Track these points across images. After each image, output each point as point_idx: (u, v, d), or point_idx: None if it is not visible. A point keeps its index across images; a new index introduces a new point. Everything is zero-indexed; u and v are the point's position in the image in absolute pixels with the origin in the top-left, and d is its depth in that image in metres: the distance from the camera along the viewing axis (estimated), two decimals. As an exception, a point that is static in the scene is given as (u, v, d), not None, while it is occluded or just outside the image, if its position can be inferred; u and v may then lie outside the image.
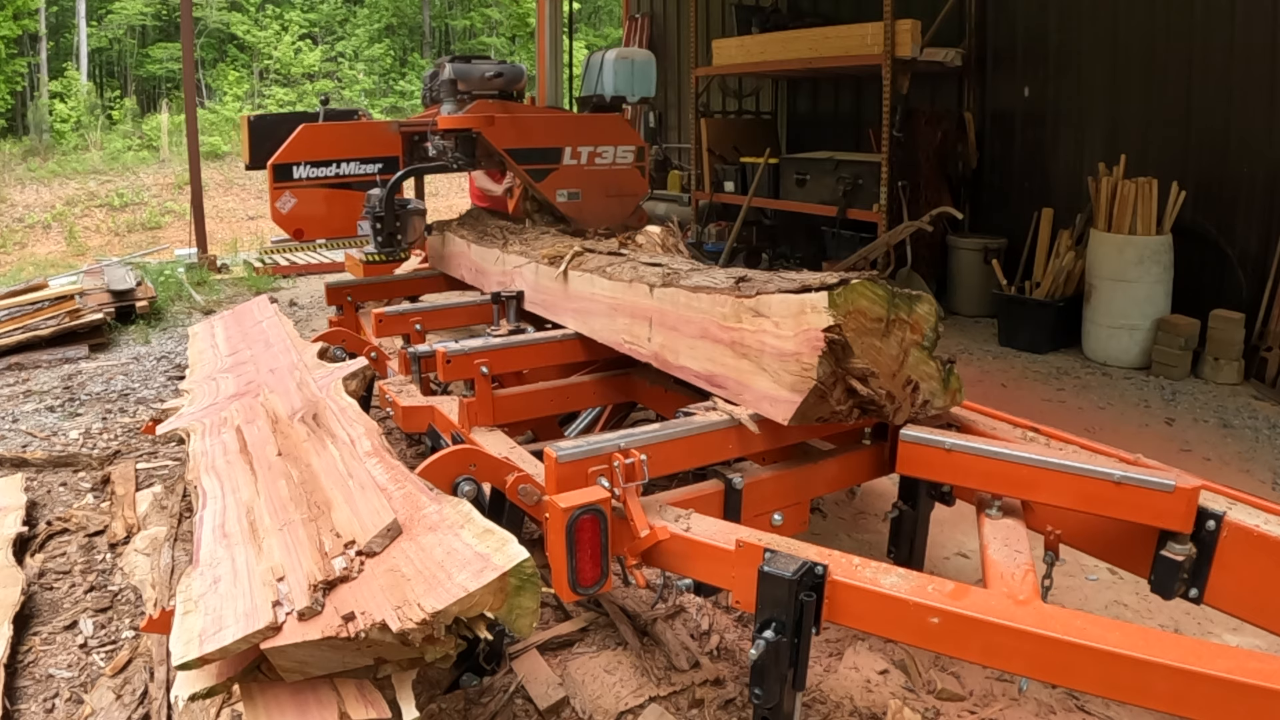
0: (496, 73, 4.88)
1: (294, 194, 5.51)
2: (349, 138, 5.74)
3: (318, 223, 5.64)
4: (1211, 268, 6.34)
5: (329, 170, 5.60)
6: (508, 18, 28.21)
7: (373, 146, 5.72)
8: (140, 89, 25.61)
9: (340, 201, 5.59)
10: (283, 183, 5.50)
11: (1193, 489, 2.00)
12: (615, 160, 5.34)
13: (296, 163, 5.52)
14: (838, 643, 2.92)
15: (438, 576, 1.77)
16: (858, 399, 2.36)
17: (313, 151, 5.57)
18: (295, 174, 5.48)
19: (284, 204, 5.48)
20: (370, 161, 5.68)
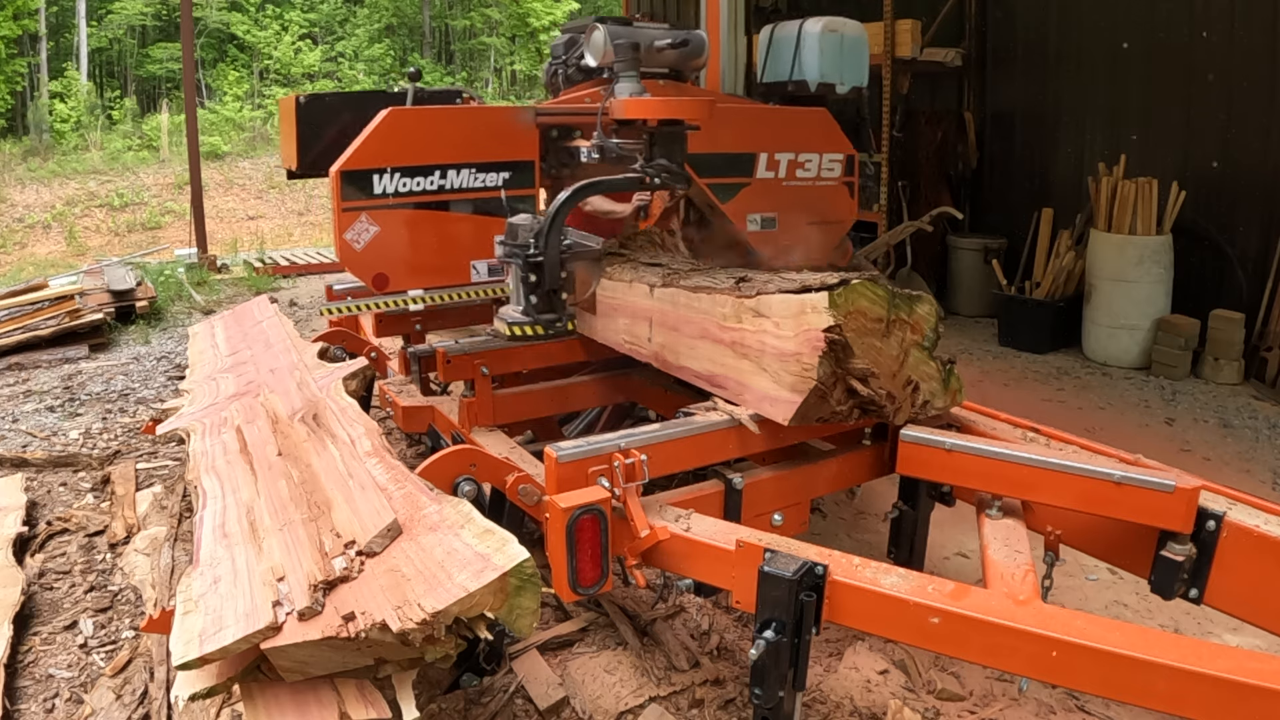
0: (677, 41, 3.55)
1: (374, 218, 3.34)
2: (459, 131, 3.55)
3: (412, 264, 3.49)
4: (1211, 268, 6.34)
5: (429, 181, 3.44)
6: (508, 18, 28.21)
7: (495, 145, 3.57)
8: (140, 89, 25.60)
9: (446, 230, 3.49)
10: (357, 200, 3.33)
11: (1193, 489, 2.00)
12: (820, 174, 3.96)
13: (379, 169, 3.35)
14: (838, 643, 2.92)
15: (438, 576, 1.77)
16: (858, 399, 2.36)
17: (405, 151, 3.43)
18: (377, 186, 3.34)
19: (359, 234, 3.30)
20: (491, 168, 3.55)
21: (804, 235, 3.94)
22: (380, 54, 26.57)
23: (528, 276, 2.88)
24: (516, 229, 2.95)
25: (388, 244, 3.37)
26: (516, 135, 3.60)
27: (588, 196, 3.20)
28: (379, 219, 3.35)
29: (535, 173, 3.62)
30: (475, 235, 3.48)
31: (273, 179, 20.33)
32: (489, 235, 3.29)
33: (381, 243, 3.36)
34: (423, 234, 3.44)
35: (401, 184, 3.38)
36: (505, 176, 3.54)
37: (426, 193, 3.43)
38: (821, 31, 4.03)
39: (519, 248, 2.91)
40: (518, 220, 2.98)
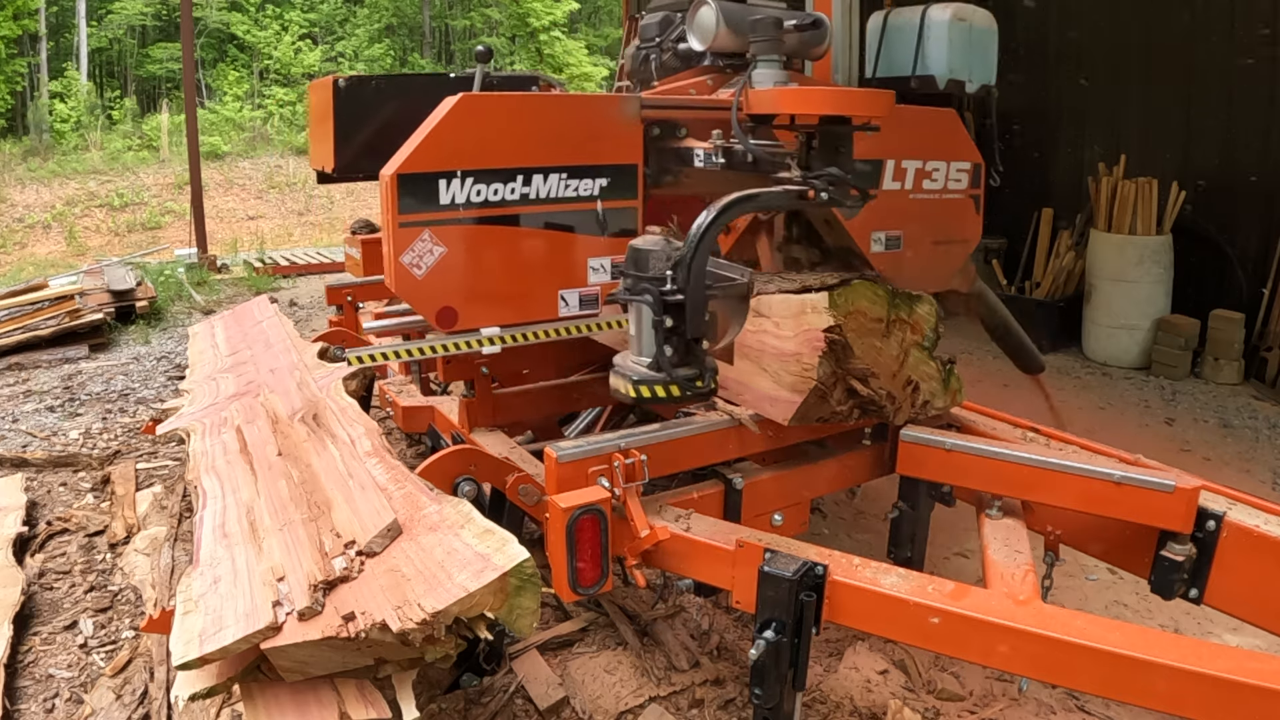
0: (804, 22, 2.90)
1: (440, 236, 2.59)
2: (548, 125, 2.73)
3: (486, 295, 2.71)
4: (1211, 268, 6.34)
5: (509, 188, 2.68)
6: (508, 18, 28.21)
7: (591, 143, 2.79)
8: (140, 89, 25.60)
9: (530, 251, 2.73)
10: (419, 213, 2.56)
11: (1193, 489, 2.01)
12: (947, 185, 3.40)
13: (448, 172, 2.59)
14: (838, 643, 2.92)
15: (438, 576, 1.77)
16: (858, 399, 2.36)
17: (481, 150, 2.64)
18: (444, 194, 2.58)
19: (420, 256, 2.57)
20: (585, 173, 2.77)
21: (929, 257, 3.38)
22: (380, 54, 26.56)
23: (662, 320, 2.19)
24: (646, 256, 2.22)
25: (457, 269, 2.58)
26: (617, 132, 2.78)
27: (742, 214, 2.44)
28: (446, 237, 2.55)
29: (638, 180, 2.83)
30: (565, 258, 2.74)
31: (273, 179, 20.33)
32: (581, 258, 2.75)
33: (449, 267, 2.56)
34: (501, 256, 2.65)
35: (475, 192, 2.56)
36: (603, 184, 2.76)
37: (506, 203, 2.62)
38: (951, 20, 3.31)
39: (650, 281, 2.21)
40: (646, 244, 2.25)
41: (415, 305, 2.61)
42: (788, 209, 2.70)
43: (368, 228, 5.50)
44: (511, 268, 2.67)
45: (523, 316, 2.74)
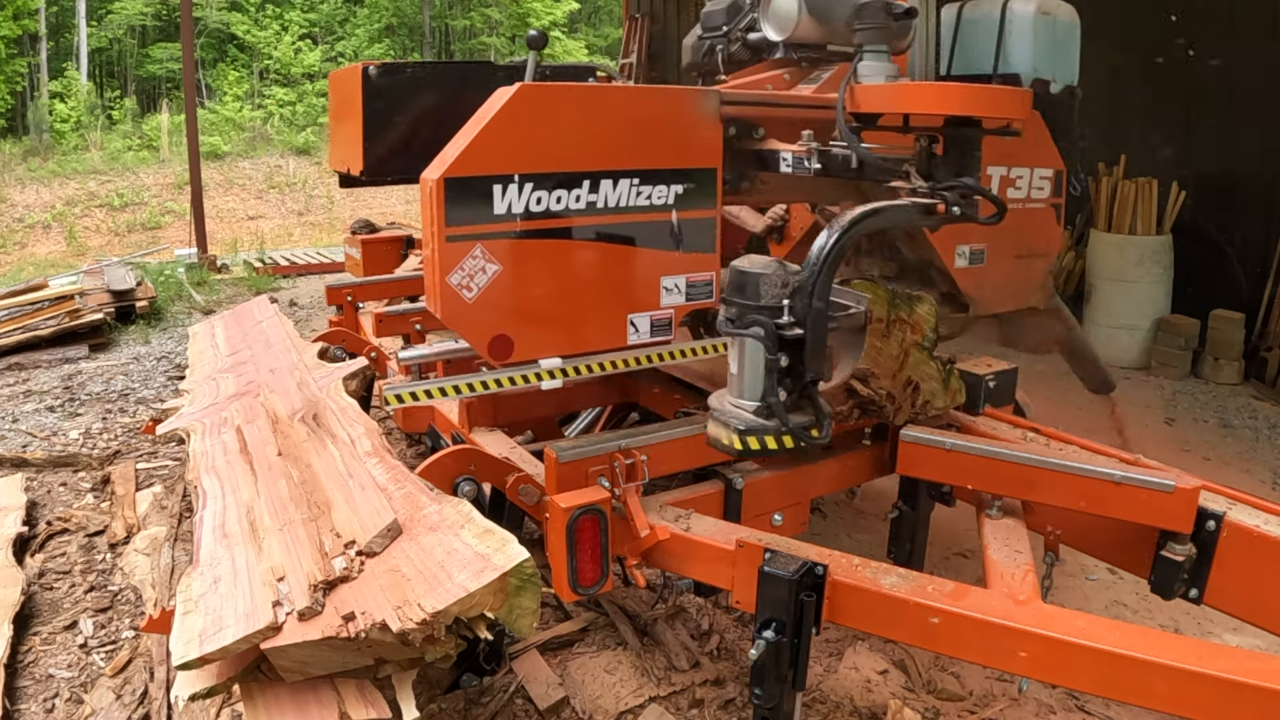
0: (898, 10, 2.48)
1: (494, 252, 2.23)
2: (618, 122, 2.36)
3: (547, 320, 2.36)
4: (1211, 268, 6.34)
5: (573, 196, 2.29)
6: (508, 18, 28.22)
7: (665, 144, 2.41)
8: (140, 89, 25.60)
9: (597, 270, 2.37)
10: (470, 224, 2.19)
11: (1193, 489, 2.01)
12: (1030, 194, 3.13)
13: (504, 176, 2.21)
14: (838, 643, 2.92)
15: (438, 576, 1.77)
16: (858, 399, 2.36)
17: (542, 150, 2.26)
18: (499, 203, 2.21)
19: (471, 276, 2.22)
20: (659, 179, 2.40)
21: (1012, 271, 3.13)
22: (380, 54, 26.55)
23: (776, 359, 1.88)
24: (757, 281, 1.90)
25: (513, 290, 2.23)
26: (694, 130, 2.43)
27: (867, 231, 2.10)
28: (501, 252, 2.20)
29: (717, 187, 2.48)
30: (635, 277, 2.40)
31: (273, 179, 20.34)
32: (653, 276, 2.42)
33: (503, 289, 2.21)
34: (563, 275, 2.29)
35: (535, 200, 2.21)
36: (678, 191, 2.40)
37: (570, 213, 2.26)
38: (1035, 14, 2.96)
39: (762, 311, 1.89)
40: (757, 266, 1.93)
41: (464, 333, 2.25)
42: (916, 225, 2.27)
43: (368, 228, 5.50)
44: (575, 288, 2.32)
45: (586, 345, 2.40)
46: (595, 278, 2.34)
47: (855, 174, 2.32)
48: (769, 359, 1.89)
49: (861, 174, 2.31)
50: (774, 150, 2.53)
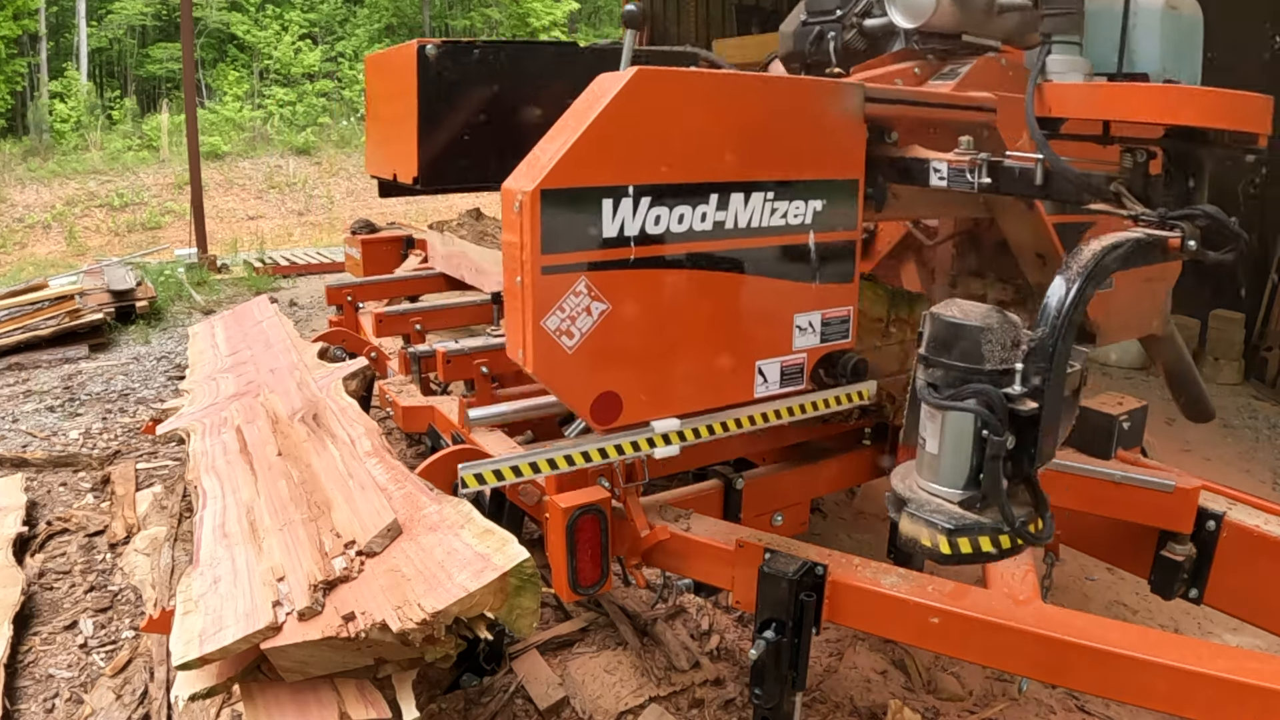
0: None
1: (603, 286, 1.75)
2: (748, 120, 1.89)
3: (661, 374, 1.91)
4: (1211, 268, 6.33)
5: (699, 213, 1.84)
6: (508, 17, 28.22)
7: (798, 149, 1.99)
8: (140, 89, 25.60)
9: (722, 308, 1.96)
10: (570, 252, 1.72)
11: (1193, 489, 2.01)
12: None
13: (616, 188, 1.72)
14: (838, 643, 2.92)
15: (438, 576, 1.77)
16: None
17: (661, 155, 1.78)
18: (609, 223, 1.73)
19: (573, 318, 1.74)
20: (795, 192, 1.98)
21: (1137, 296, 2.84)
22: (380, 54, 26.56)
23: (1002, 440, 1.49)
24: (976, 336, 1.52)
25: (624, 336, 1.80)
26: (835, 133, 2.03)
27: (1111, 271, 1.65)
28: (611, 288, 1.76)
29: (858, 202, 2.10)
30: (765, 314, 2.00)
31: (273, 179, 20.34)
32: (786, 314, 2.02)
33: (613, 334, 1.78)
34: (684, 314, 1.88)
35: (654, 219, 1.77)
36: (817, 208, 2.00)
37: (695, 235, 1.84)
38: (1163, 8, 2.46)
39: (984, 377, 1.51)
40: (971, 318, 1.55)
41: (561, 392, 1.80)
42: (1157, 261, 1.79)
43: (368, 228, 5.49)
44: (697, 331, 1.90)
45: (708, 401, 1.99)
46: (721, 317, 1.93)
47: (1038, 191, 1.91)
48: (993, 441, 1.47)
49: (1048, 192, 1.90)
50: (921, 160, 2.09)
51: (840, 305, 2.09)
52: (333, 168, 21.27)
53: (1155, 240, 1.70)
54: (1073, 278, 1.54)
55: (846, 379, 2.14)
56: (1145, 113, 1.79)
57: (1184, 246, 1.73)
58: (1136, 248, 1.67)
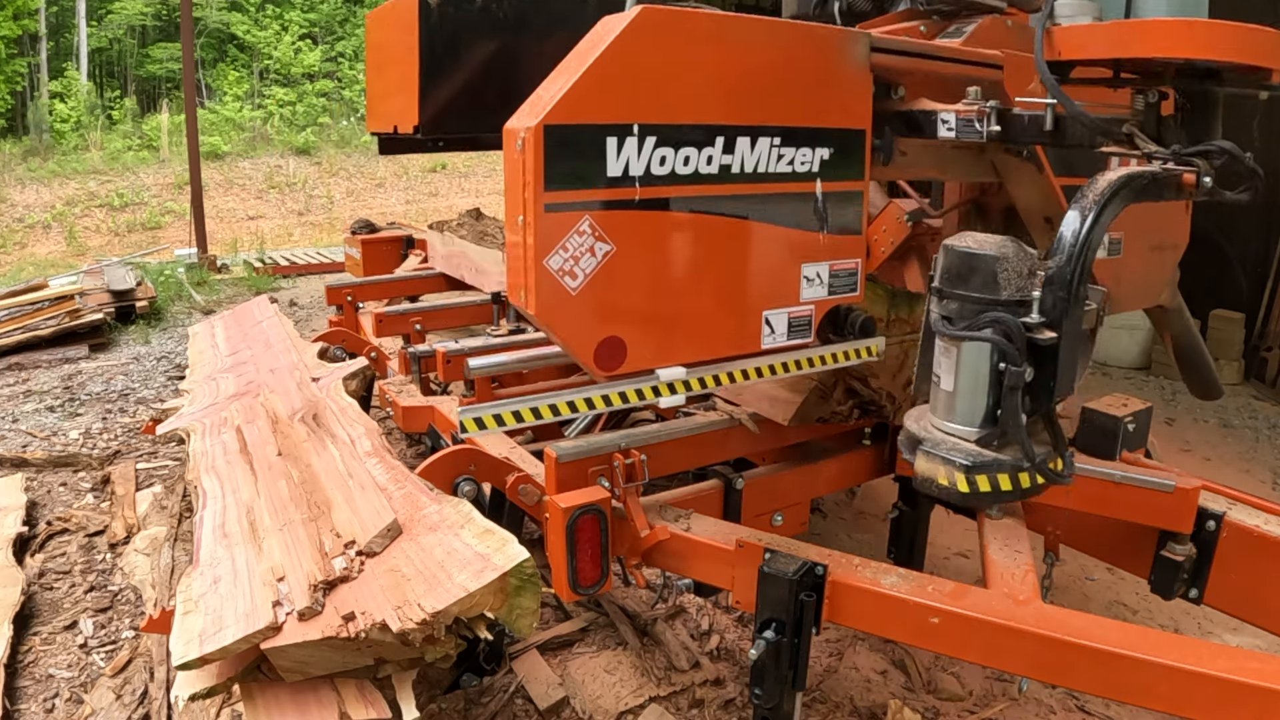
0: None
1: (607, 226, 1.72)
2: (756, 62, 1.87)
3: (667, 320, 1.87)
4: (1211, 268, 6.34)
5: (704, 156, 1.81)
6: (508, 18, 28.22)
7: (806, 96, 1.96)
8: (140, 89, 25.61)
9: (731, 254, 1.92)
10: (573, 189, 1.68)
11: (1193, 489, 2.01)
12: None
13: (621, 126, 1.69)
14: (838, 643, 2.92)
15: (438, 577, 1.77)
16: (858, 399, 2.36)
17: (668, 94, 1.76)
18: (614, 162, 1.70)
19: (576, 258, 1.70)
20: (801, 139, 1.95)
21: (1146, 264, 2.81)
22: (380, 54, 26.55)
23: (1021, 371, 1.48)
24: (992, 265, 1.50)
25: (629, 279, 1.78)
26: (841, 82, 2.00)
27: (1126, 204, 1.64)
28: (617, 228, 1.73)
29: (865, 153, 2.07)
30: (773, 263, 1.98)
31: (273, 179, 20.34)
32: (794, 264, 2.00)
33: (617, 276, 1.76)
34: (691, 258, 1.86)
35: (659, 159, 1.75)
36: (824, 156, 1.97)
37: (700, 178, 1.81)
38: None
39: (1002, 308, 1.50)
40: (987, 247, 1.54)
41: (563, 336, 1.75)
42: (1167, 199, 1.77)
43: (368, 228, 5.50)
44: (703, 277, 1.87)
45: (714, 350, 1.95)
46: (727, 264, 1.90)
47: (1048, 139, 1.88)
48: (1011, 371, 1.44)
49: (1059, 138, 1.86)
50: (928, 111, 2.07)
51: (848, 257, 2.07)
52: (333, 168, 21.28)
53: (1171, 176, 1.67)
54: (1088, 207, 1.52)
55: (855, 336, 2.14)
56: (1157, 48, 1.73)
57: (1199, 183, 1.69)
58: (1152, 182, 1.64)
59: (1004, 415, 1.48)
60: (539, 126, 1.61)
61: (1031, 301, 1.47)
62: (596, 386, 1.83)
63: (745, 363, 2.00)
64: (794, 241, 1.98)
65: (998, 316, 1.47)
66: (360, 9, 27.67)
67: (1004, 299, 1.48)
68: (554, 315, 1.71)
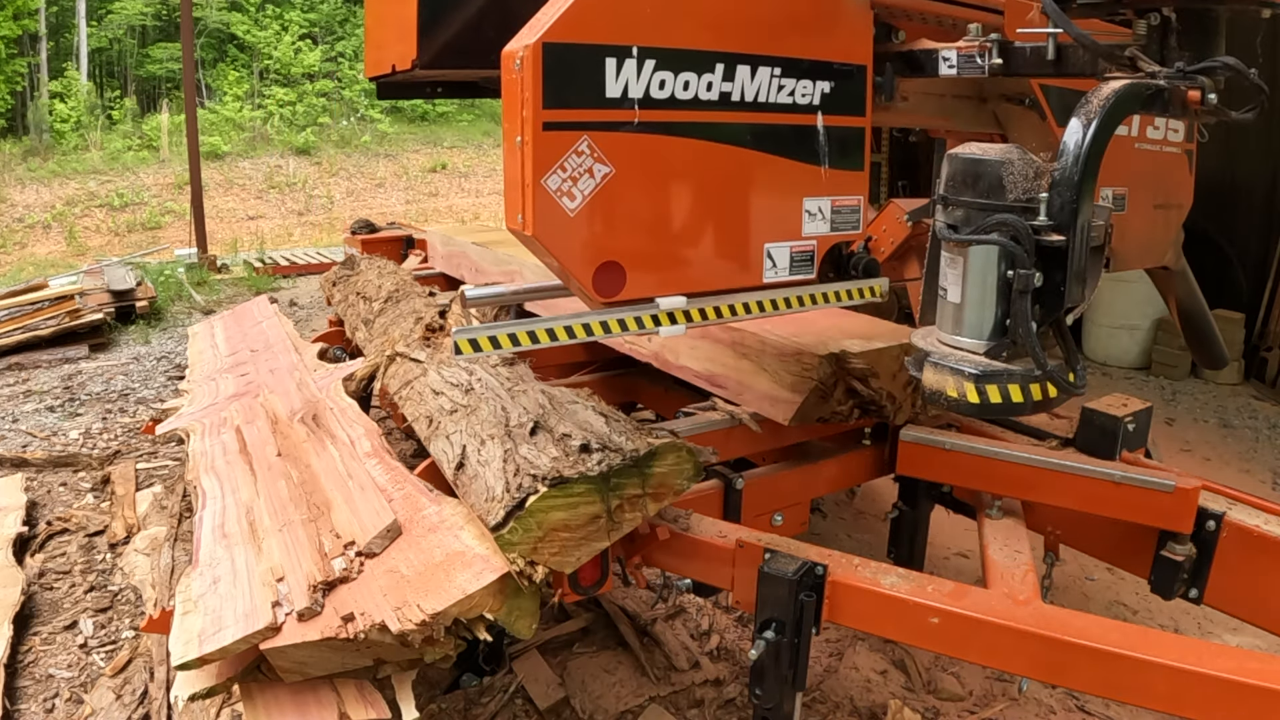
0: None
1: (606, 147, 1.69)
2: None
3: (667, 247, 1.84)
4: (1211, 268, 6.34)
5: (705, 82, 1.79)
6: (508, 17, 28.20)
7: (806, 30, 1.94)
8: (140, 89, 25.59)
9: (731, 182, 1.89)
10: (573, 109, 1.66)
11: (1193, 489, 2.01)
12: (1167, 135, 2.80)
13: (620, 48, 1.68)
14: (838, 643, 2.92)
15: (437, 578, 1.77)
16: (858, 399, 2.36)
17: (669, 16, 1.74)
18: (613, 83, 1.68)
19: (574, 179, 1.67)
20: (802, 71, 1.93)
21: (1150, 223, 2.77)
22: (380, 54, 26.52)
23: (1030, 275, 1.45)
24: (998, 170, 1.50)
25: (628, 202, 1.75)
26: (842, 17, 2.00)
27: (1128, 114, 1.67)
28: (615, 149, 1.71)
29: (867, 89, 2.06)
30: (774, 195, 1.95)
31: (273, 179, 20.34)
32: (795, 197, 1.98)
33: (616, 199, 1.73)
34: (691, 185, 1.83)
35: (658, 83, 1.73)
36: (824, 90, 1.96)
37: (700, 104, 1.79)
38: None
39: (1009, 212, 1.49)
40: (991, 153, 1.55)
41: (561, 257, 1.71)
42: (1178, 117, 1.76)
43: (368, 228, 5.50)
44: (703, 204, 1.84)
45: (715, 282, 1.91)
46: (728, 193, 1.86)
47: (1053, 69, 1.83)
48: (1020, 274, 1.40)
49: (1062, 68, 1.81)
50: (929, 50, 2.07)
51: (850, 194, 2.06)
52: (333, 168, 21.28)
53: (1175, 90, 1.64)
54: (1092, 112, 1.49)
55: (860, 277, 2.13)
56: None
57: (1204, 100, 1.65)
58: (1156, 93, 1.63)
59: (1014, 322, 1.44)
60: (538, 44, 1.60)
61: (1039, 205, 1.44)
62: (595, 313, 1.80)
63: (746, 295, 1.96)
64: (795, 174, 1.96)
65: (1004, 219, 1.45)
66: (360, 9, 27.66)
67: (1010, 203, 1.45)
68: (551, 236, 1.68)
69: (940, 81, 2.17)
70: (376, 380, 3.02)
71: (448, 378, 2.43)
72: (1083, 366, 1.55)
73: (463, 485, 1.99)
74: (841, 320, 2.69)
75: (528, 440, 1.91)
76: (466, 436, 2.06)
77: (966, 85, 2.41)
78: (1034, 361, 1.45)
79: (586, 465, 1.75)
